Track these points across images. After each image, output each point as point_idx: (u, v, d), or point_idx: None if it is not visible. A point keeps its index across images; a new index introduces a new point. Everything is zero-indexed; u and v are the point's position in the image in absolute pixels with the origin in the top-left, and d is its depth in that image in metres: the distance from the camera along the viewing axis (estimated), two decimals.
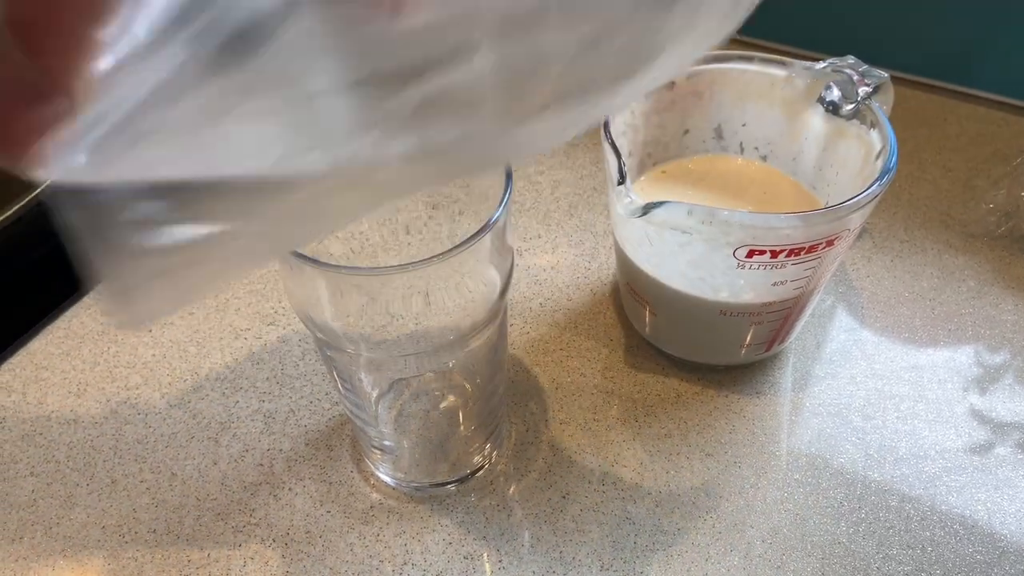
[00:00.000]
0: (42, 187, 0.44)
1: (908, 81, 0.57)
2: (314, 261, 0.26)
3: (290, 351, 0.42)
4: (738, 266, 0.33)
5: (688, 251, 0.34)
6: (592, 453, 0.38)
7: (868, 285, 0.45)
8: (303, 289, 0.28)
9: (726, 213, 0.31)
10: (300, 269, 0.26)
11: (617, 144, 0.34)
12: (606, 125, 0.35)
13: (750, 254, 0.32)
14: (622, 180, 0.33)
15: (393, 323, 0.28)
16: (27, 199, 0.43)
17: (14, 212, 0.43)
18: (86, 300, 0.45)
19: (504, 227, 0.28)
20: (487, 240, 0.27)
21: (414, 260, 0.25)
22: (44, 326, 0.44)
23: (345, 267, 0.26)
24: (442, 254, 0.25)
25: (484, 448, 0.37)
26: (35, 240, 0.47)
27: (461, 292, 0.29)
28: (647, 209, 0.32)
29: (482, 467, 0.37)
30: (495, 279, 0.30)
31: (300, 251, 0.26)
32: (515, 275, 0.45)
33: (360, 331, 0.28)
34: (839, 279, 0.45)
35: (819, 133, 0.39)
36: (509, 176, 0.28)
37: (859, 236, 0.47)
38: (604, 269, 0.46)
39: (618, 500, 0.36)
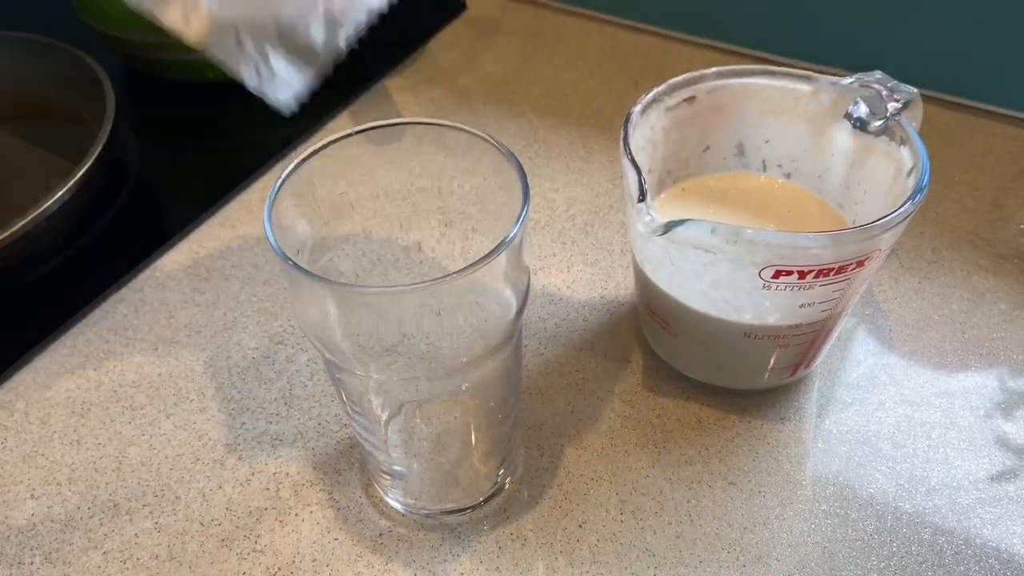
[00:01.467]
0: (47, 205, 0.43)
1: (932, 98, 0.56)
2: (323, 279, 0.24)
3: (298, 371, 0.41)
4: (764, 287, 0.32)
5: (711, 271, 0.32)
6: (609, 480, 0.36)
7: (896, 307, 0.43)
8: (311, 308, 0.27)
9: (751, 232, 0.30)
10: (308, 287, 0.25)
11: (636, 160, 0.33)
12: (625, 141, 0.34)
13: (776, 275, 0.31)
14: (642, 197, 0.32)
15: (404, 343, 0.26)
16: (34, 215, 0.43)
17: (21, 227, 0.42)
18: (92, 317, 0.44)
19: (520, 245, 0.27)
20: (502, 258, 0.25)
21: (426, 279, 0.24)
22: (49, 343, 0.43)
23: (355, 285, 0.24)
24: (455, 272, 0.24)
25: (497, 474, 0.36)
26: (41, 255, 0.46)
27: (475, 312, 0.28)
28: (668, 227, 0.30)
29: (495, 494, 0.36)
30: (510, 299, 0.29)
31: (309, 269, 0.25)
32: (529, 294, 0.44)
33: (370, 352, 0.27)
34: (865, 301, 0.43)
35: (846, 150, 0.38)
36: (526, 193, 0.27)
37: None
38: (622, 289, 0.45)
39: (637, 530, 0.35)
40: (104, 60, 0.52)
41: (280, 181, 0.27)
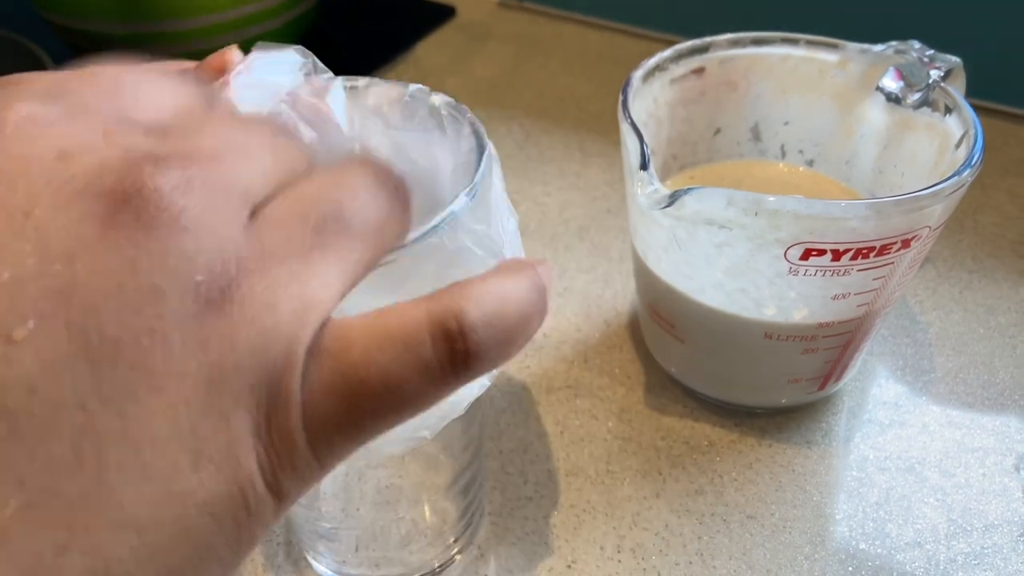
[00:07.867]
0: None
1: None
2: None
3: None
4: (790, 271, 0.26)
5: (726, 254, 0.27)
6: (605, 512, 0.30)
7: (935, 319, 0.38)
8: None
9: (775, 200, 0.25)
10: None
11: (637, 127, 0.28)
12: (624, 104, 0.29)
13: (806, 255, 0.26)
14: (644, 165, 0.27)
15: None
16: None
17: None
18: None
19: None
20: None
21: None
22: None
23: None
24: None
25: (452, 537, 0.29)
26: None
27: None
28: (674, 197, 0.25)
29: (451, 561, 0.29)
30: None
31: None
32: None
33: None
34: (900, 312, 0.38)
35: (879, 128, 0.33)
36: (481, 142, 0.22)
37: (921, 265, 0.40)
38: (621, 298, 0.39)
39: (638, 571, 0.29)
40: (56, 53, 0.48)
41: None
